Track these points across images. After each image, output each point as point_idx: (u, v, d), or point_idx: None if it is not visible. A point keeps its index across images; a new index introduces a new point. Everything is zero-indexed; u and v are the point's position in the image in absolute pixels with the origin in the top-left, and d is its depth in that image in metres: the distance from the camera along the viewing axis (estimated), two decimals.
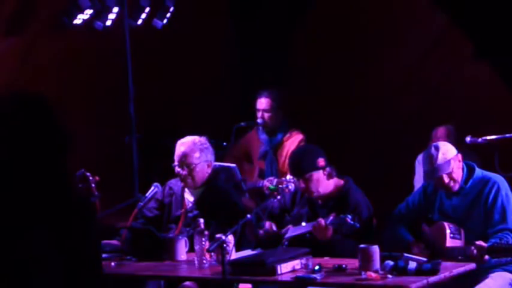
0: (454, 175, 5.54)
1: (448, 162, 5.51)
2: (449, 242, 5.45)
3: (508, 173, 5.86)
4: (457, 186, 5.57)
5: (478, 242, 5.23)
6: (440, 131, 7.21)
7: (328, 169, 5.78)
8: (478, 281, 5.36)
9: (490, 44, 7.59)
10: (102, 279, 2.82)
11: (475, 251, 5.21)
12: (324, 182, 5.79)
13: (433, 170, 5.55)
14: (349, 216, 5.37)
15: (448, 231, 5.47)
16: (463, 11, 7.63)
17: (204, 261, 5.43)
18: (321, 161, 5.77)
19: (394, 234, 5.76)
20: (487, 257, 5.20)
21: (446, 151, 5.56)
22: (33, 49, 7.39)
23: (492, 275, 5.41)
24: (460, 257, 5.32)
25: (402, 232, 5.72)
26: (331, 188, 5.84)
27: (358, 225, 5.37)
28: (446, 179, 5.54)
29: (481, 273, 5.37)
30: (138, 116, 7.34)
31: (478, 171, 5.61)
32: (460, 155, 5.60)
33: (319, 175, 5.76)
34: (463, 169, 5.58)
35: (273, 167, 7.12)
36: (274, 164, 7.12)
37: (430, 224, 5.65)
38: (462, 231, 5.48)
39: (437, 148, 5.57)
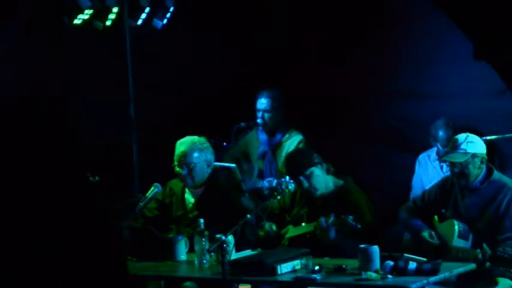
0: (466, 170, 5.51)
1: (465, 154, 5.48)
2: (456, 241, 5.44)
3: (507, 173, 5.86)
4: (466, 182, 5.53)
5: (483, 247, 5.22)
6: (439, 123, 7.18)
7: (324, 164, 5.92)
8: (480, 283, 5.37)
9: (490, 44, 7.58)
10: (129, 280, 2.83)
11: (479, 254, 5.20)
12: (323, 177, 5.89)
13: (447, 152, 5.53)
14: (350, 217, 5.37)
15: (456, 230, 5.46)
16: (463, 11, 7.62)
17: (204, 261, 5.43)
18: (316, 158, 5.93)
19: (406, 221, 5.76)
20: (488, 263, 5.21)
21: (471, 143, 5.51)
22: (33, 49, 7.38)
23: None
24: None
25: (414, 220, 5.71)
26: (331, 186, 5.86)
27: (359, 225, 5.37)
28: (455, 168, 5.51)
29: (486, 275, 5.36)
30: (138, 116, 7.34)
31: (496, 174, 5.56)
32: (484, 157, 5.53)
33: (318, 170, 5.86)
34: (482, 170, 5.53)
35: (272, 167, 7.12)
36: (273, 164, 7.12)
37: (441, 220, 5.64)
38: (471, 235, 5.46)
39: (466, 137, 5.53)
